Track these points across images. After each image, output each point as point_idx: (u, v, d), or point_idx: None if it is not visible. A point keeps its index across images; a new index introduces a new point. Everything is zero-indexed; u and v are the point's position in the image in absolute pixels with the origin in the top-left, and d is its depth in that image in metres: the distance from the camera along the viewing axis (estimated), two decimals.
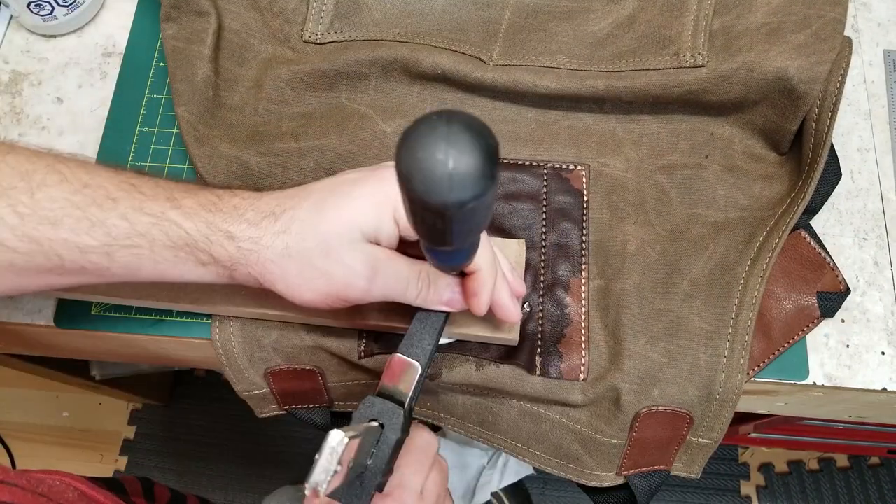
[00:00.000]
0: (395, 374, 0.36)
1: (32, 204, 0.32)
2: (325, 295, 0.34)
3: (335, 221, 0.33)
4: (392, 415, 0.35)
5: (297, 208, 0.34)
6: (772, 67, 0.43)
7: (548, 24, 0.50)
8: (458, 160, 0.20)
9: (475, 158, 0.21)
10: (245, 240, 0.33)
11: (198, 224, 0.33)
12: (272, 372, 0.46)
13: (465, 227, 0.23)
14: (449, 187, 0.21)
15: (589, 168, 0.48)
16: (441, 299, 0.36)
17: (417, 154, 0.21)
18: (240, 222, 0.33)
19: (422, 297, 0.36)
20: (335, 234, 0.33)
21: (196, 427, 1.20)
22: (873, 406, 0.46)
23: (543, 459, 0.45)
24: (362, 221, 0.33)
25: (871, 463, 1.15)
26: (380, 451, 0.34)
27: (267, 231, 0.33)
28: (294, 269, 0.34)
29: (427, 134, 0.21)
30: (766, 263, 0.43)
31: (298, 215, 0.34)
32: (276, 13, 0.53)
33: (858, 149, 0.49)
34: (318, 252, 0.33)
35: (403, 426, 0.35)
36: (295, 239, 0.33)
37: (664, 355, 0.42)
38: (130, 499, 0.49)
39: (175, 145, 0.51)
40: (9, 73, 0.55)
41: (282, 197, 0.35)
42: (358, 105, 0.50)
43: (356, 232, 0.33)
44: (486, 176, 0.21)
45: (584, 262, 0.45)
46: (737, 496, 1.14)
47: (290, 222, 0.34)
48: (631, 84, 0.46)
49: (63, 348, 0.53)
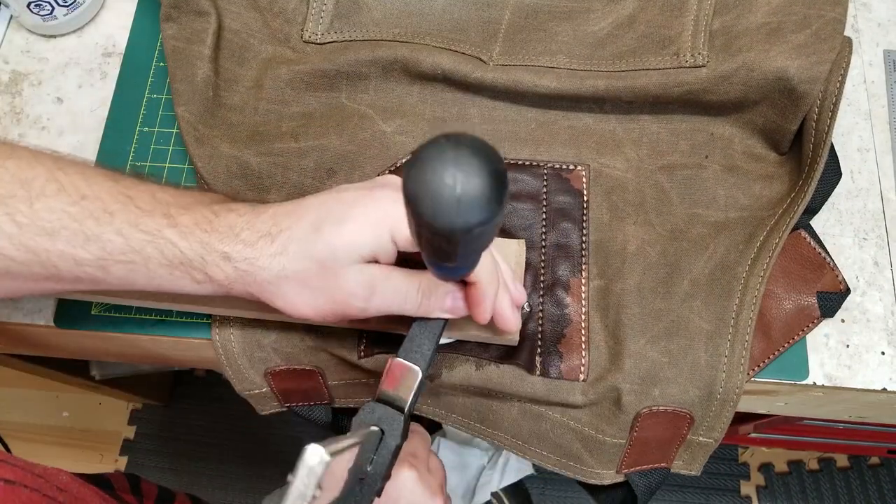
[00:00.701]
0: (395, 379, 0.36)
1: (31, 214, 0.32)
2: (325, 312, 0.35)
3: (332, 244, 0.33)
4: (392, 421, 0.35)
5: (294, 228, 0.34)
6: (772, 67, 0.43)
7: (548, 24, 0.50)
8: (466, 185, 0.20)
9: (483, 184, 0.20)
10: (241, 260, 0.33)
11: (193, 244, 0.33)
12: (272, 372, 0.46)
13: (471, 248, 0.23)
14: (457, 212, 0.20)
15: (589, 168, 0.48)
16: (442, 307, 0.36)
17: (426, 177, 0.20)
18: (235, 243, 0.33)
19: (422, 308, 0.36)
20: (332, 257, 0.33)
21: (196, 427, 1.20)
22: (873, 406, 0.46)
23: (544, 457, 0.45)
24: (360, 244, 0.33)
25: (871, 463, 1.15)
26: (379, 457, 0.34)
27: (263, 252, 0.33)
28: (292, 289, 0.34)
29: (435, 158, 0.21)
30: (766, 263, 0.43)
31: (295, 236, 0.34)
32: (276, 13, 0.53)
33: (858, 149, 0.49)
34: (315, 274, 0.33)
35: (403, 432, 0.35)
36: (291, 260, 0.33)
37: (665, 355, 0.42)
38: (117, 493, 0.49)
39: (175, 145, 0.51)
40: (9, 73, 0.55)
41: (280, 214, 0.35)
42: (358, 105, 0.50)
43: (354, 254, 0.33)
44: (494, 201, 0.21)
45: (584, 262, 0.45)
46: (737, 496, 1.14)
47: (286, 243, 0.34)
48: (631, 84, 0.46)
49: (63, 348, 0.53)
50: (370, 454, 0.34)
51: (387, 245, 0.34)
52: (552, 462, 0.45)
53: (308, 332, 0.45)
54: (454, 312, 0.37)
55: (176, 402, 1.22)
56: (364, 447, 0.33)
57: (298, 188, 0.47)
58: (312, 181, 0.47)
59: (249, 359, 0.45)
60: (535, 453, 0.45)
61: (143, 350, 0.49)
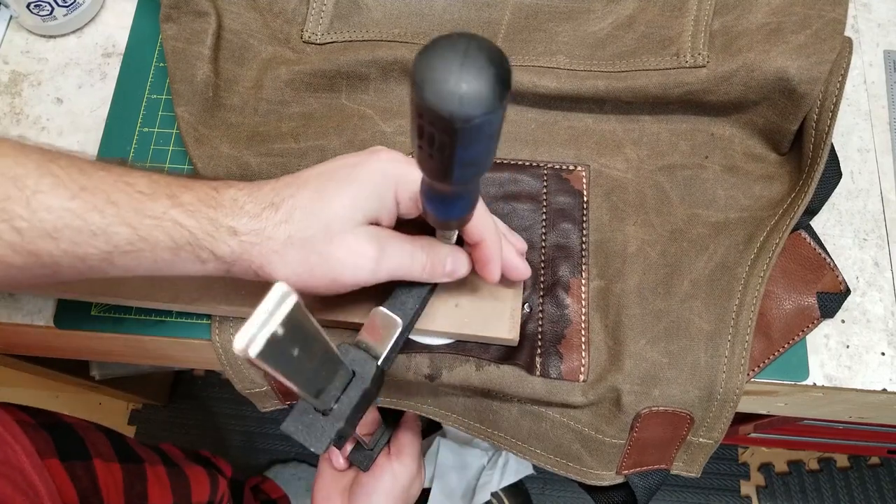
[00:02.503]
0: (375, 328, 0.36)
1: (29, 216, 0.31)
2: (330, 280, 0.34)
3: (337, 206, 0.33)
4: (365, 364, 0.35)
5: (298, 196, 0.34)
6: (772, 68, 0.43)
7: (548, 24, 0.50)
8: (470, 76, 0.21)
9: (488, 77, 0.21)
10: (247, 233, 0.33)
11: (200, 221, 0.33)
12: None
13: (468, 153, 0.24)
14: (459, 99, 0.21)
15: (589, 168, 0.48)
16: (444, 270, 0.37)
17: (435, 63, 0.21)
18: (241, 216, 0.33)
19: (427, 268, 0.36)
20: (338, 218, 0.33)
21: (196, 427, 1.20)
22: (873, 407, 0.46)
23: (543, 458, 0.45)
24: (364, 204, 0.34)
25: (871, 463, 1.15)
26: (346, 398, 0.34)
27: (268, 222, 0.33)
28: (297, 257, 0.33)
29: (446, 47, 0.22)
30: (766, 264, 0.43)
31: (299, 203, 0.33)
32: (276, 13, 0.53)
33: (858, 149, 0.49)
34: (322, 238, 0.33)
35: (374, 379, 0.35)
36: (297, 227, 0.33)
37: (665, 356, 0.42)
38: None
39: (175, 145, 0.51)
40: (9, 73, 0.55)
41: (280, 185, 0.34)
42: (358, 105, 0.50)
43: (358, 214, 0.34)
44: (496, 96, 0.21)
45: (584, 263, 0.45)
46: (737, 496, 1.14)
47: (291, 211, 0.33)
48: (631, 84, 0.46)
49: (63, 348, 0.53)
50: (337, 392, 0.34)
51: (389, 204, 0.35)
52: (552, 462, 0.45)
53: None
54: (456, 273, 0.37)
55: (176, 402, 1.22)
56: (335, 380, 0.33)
57: None
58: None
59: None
60: (535, 454, 0.45)
61: (143, 350, 0.49)
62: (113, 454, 0.55)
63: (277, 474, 1.12)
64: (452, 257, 0.37)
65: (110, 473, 0.53)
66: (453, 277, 0.38)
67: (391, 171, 0.34)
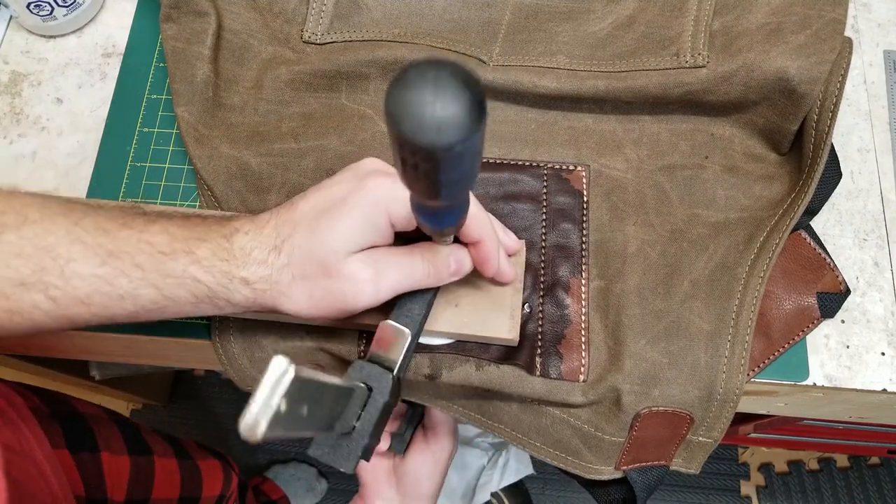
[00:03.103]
0: (386, 341, 0.37)
1: (63, 284, 0.33)
2: (337, 310, 0.35)
3: (331, 241, 0.34)
4: (381, 378, 0.35)
5: (294, 235, 0.35)
6: (772, 68, 0.43)
7: (548, 24, 0.50)
8: (445, 104, 0.21)
9: (462, 102, 0.21)
10: (257, 281, 0.35)
11: (216, 276, 0.34)
12: None
13: (453, 174, 0.24)
14: (437, 130, 0.21)
15: (589, 169, 0.48)
16: (449, 270, 0.37)
17: (407, 97, 0.21)
18: (250, 264, 0.35)
19: (433, 273, 0.37)
20: (332, 252, 0.34)
21: (196, 427, 1.20)
22: (873, 407, 0.46)
23: (543, 450, 0.45)
24: (358, 235, 0.35)
25: (871, 463, 1.15)
26: (367, 414, 0.34)
27: (274, 267, 0.35)
28: (303, 295, 0.35)
29: (416, 78, 0.21)
30: (766, 264, 0.43)
31: (297, 242, 0.35)
32: (276, 13, 0.53)
33: (858, 149, 0.49)
34: (321, 274, 0.34)
35: (392, 391, 0.35)
36: (298, 268, 0.35)
37: (665, 356, 0.42)
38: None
39: (175, 145, 0.51)
40: (9, 73, 0.55)
41: (280, 223, 0.36)
42: (358, 105, 0.50)
43: (351, 244, 0.34)
44: (472, 120, 0.21)
45: (585, 263, 0.45)
46: (737, 496, 1.14)
47: (290, 252, 0.35)
48: (631, 84, 0.46)
49: (63, 349, 0.53)
50: (357, 409, 0.34)
51: (384, 229, 0.35)
52: (551, 456, 0.45)
53: (308, 333, 0.45)
54: (460, 272, 0.38)
55: (176, 402, 1.22)
56: (352, 402, 0.33)
57: (298, 189, 0.47)
58: (312, 182, 0.47)
59: (250, 359, 0.45)
60: (535, 446, 0.45)
61: (143, 350, 0.49)
62: (123, 447, 0.57)
63: (277, 475, 1.12)
64: (455, 256, 0.38)
65: (117, 465, 0.55)
66: (460, 275, 0.38)
67: (381, 196, 0.35)
